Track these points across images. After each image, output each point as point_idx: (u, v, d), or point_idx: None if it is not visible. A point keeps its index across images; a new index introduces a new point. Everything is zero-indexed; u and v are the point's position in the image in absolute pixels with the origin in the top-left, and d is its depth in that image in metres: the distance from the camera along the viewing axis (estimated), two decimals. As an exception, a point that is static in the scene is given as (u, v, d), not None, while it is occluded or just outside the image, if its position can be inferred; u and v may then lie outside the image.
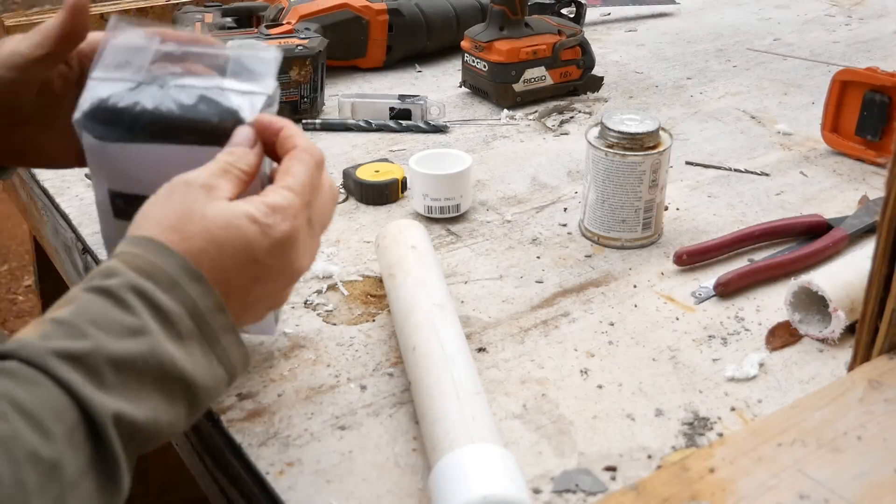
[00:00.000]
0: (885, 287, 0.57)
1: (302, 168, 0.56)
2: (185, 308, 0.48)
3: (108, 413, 0.43)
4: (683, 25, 1.53)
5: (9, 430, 0.40)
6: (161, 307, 0.48)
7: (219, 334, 0.50)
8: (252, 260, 0.52)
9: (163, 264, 0.49)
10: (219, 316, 0.50)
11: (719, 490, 0.50)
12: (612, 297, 0.78)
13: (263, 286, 0.54)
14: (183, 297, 0.48)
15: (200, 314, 0.49)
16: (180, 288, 0.48)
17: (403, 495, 0.58)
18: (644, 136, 0.81)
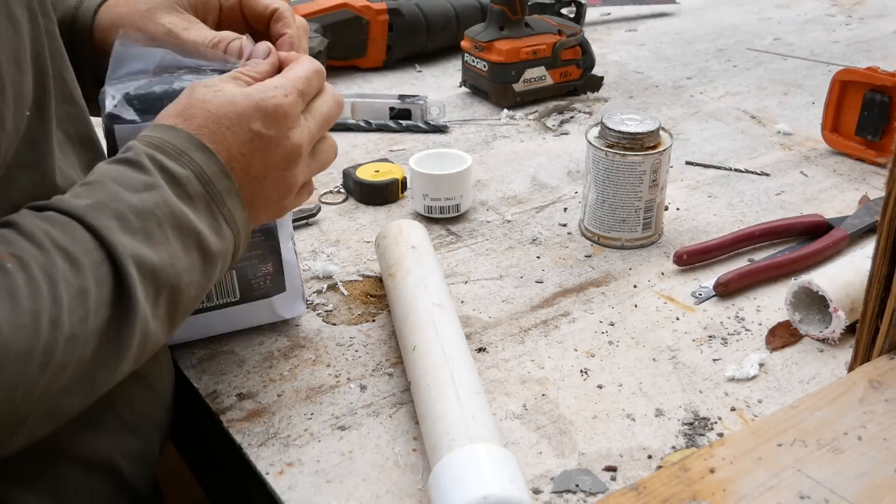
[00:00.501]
0: (885, 287, 0.57)
1: (302, 67, 0.61)
2: (193, 172, 0.54)
3: (128, 253, 0.49)
4: (683, 25, 1.53)
5: (48, 258, 0.46)
6: (170, 170, 0.53)
7: (224, 197, 0.55)
8: (247, 128, 0.57)
9: (170, 138, 0.55)
10: (223, 180, 0.55)
11: (719, 490, 0.49)
12: (612, 297, 0.78)
13: (263, 157, 0.58)
14: (189, 162, 0.54)
15: (207, 178, 0.54)
16: (187, 156, 0.54)
17: (403, 495, 0.57)
18: (644, 136, 0.81)
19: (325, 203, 0.94)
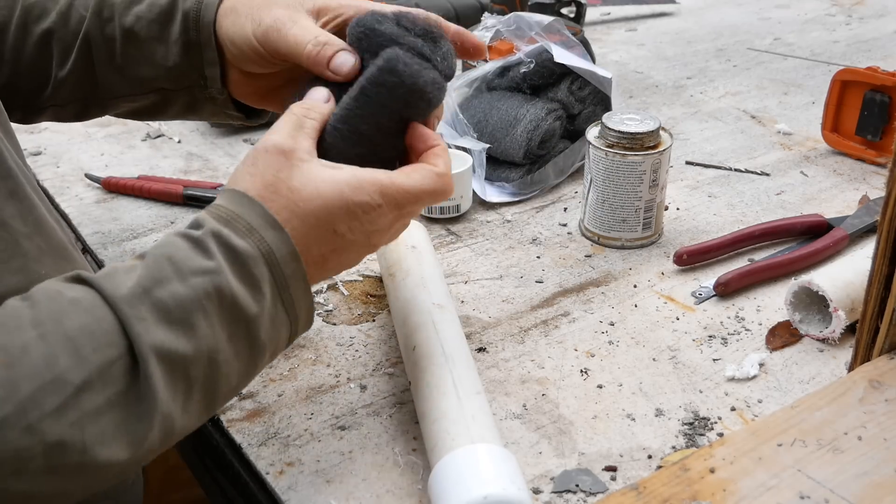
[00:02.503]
0: (885, 287, 0.57)
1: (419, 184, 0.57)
2: (261, 252, 0.51)
3: (154, 348, 0.46)
4: (683, 25, 1.53)
5: (45, 351, 0.43)
6: (236, 249, 0.50)
7: (289, 281, 0.52)
8: (331, 230, 0.54)
9: (244, 213, 0.52)
10: (292, 264, 0.52)
11: (719, 490, 0.49)
12: (612, 297, 0.78)
13: (339, 256, 0.56)
14: (260, 242, 0.51)
15: (274, 260, 0.51)
16: (257, 234, 0.51)
17: (403, 495, 0.57)
18: (644, 136, 0.81)
19: (325, 203, 0.94)
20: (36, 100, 0.74)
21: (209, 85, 0.71)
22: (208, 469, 0.69)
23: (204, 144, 1.09)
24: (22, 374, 0.43)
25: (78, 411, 0.44)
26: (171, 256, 0.49)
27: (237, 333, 0.51)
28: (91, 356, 0.44)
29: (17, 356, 0.43)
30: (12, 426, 0.42)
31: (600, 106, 0.99)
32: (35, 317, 0.45)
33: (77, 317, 0.45)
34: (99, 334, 0.45)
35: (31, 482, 0.43)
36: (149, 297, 0.47)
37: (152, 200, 0.95)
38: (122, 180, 0.96)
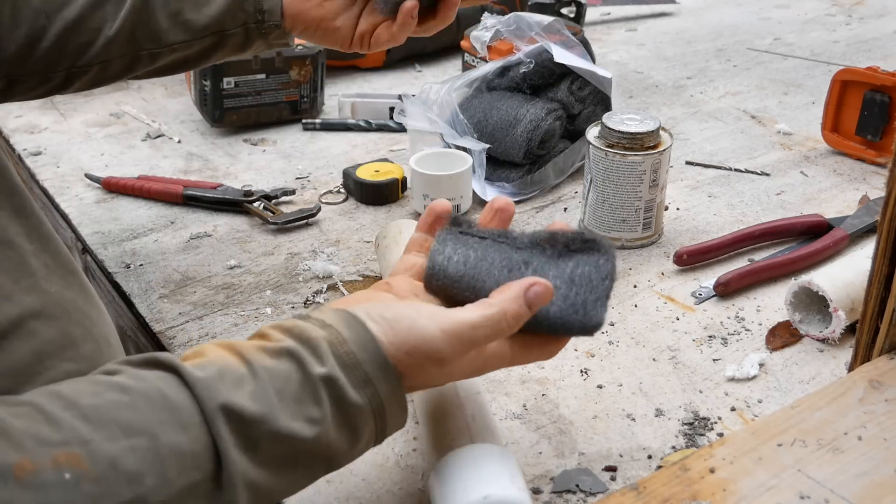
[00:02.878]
0: (885, 287, 0.57)
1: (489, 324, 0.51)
2: (372, 405, 0.48)
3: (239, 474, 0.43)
4: (683, 25, 1.53)
5: (135, 465, 0.41)
6: (346, 401, 0.47)
7: (389, 425, 0.49)
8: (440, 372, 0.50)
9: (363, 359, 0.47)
10: (398, 412, 0.49)
11: (719, 490, 0.49)
12: (613, 297, 0.77)
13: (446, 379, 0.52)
14: (373, 396, 0.47)
15: (383, 413, 0.48)
16: (372, 386, 0.47)
17: (403, 495, 0.57)
18: (644, 136, 0.81)
19: (325, 203, 0.94)
20: (82, 58, 0.74)
21: (266, 19, 0.73)
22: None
23: (204, 144, 1.09)
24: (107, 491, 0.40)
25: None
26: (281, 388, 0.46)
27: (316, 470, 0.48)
28: (176, 479, 0.42)
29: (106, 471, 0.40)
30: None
31: (600, 106, 0.99)
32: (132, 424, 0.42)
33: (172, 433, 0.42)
34: (189, 456, 0.42)
35: None
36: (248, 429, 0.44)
37: (152, 200, 0.95)
38: (122, 180, 0.96)
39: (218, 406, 0.43)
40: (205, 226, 0.91)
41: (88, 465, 0.40)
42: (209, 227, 0.90)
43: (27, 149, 1.06)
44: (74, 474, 0.39)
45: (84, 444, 0.40)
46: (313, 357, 0.47)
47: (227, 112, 1.09)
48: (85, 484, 0.39)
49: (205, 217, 0.92)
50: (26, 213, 0.55)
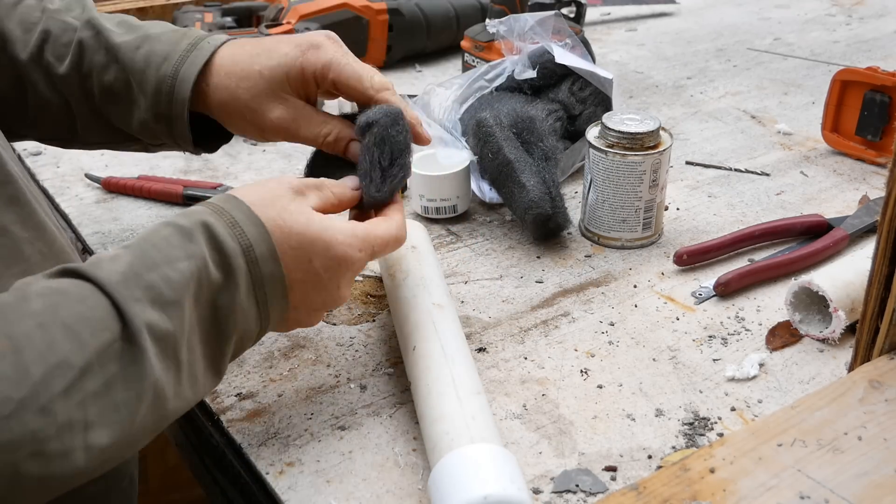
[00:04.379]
0: (885, 287, 0.57)
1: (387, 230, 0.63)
2: (240, 245, 0.54)
3: (145, 326, 0.48)
4: (683, 25, 1.53)
5: (47, 337, 0.45)
6: (218, 239, 0.53)
7: (265, 280, 0.55)
8: (307, 260, 0.57)
9: (229, 208, 0.55)
10: (270, 263, 0.55)
11: (719, 490, 0.49)
12: (612, 297, 0.78)
13: (305, 294, 0.58)
14: (240, 234, 0.54)
15: (253, 257, 0.54)
16: (239, 228, 0.54)
17: (403, 495, 0.57)
18: (644, 136, 0.81)
19: (325, 203, 0.94)
20: (19, 127, 0.75)
21: (182, 148, 0.74)
22: (208, 469, 0.69)
23: (204, 144, 1.08)
24: (30, 358, 0.44)
25: (82, 392, 0.45)
26: (156, 244, 0.52)
27: (209, 318, 0.53)
28: (89, 340, 0.46)
29: (23, 343, 0.44)
30: (28, 408, 0.43)
31: (601, 107, 0.99)
32: (31, 309, 0.46)
33: (71, 306, 0.47)
34: (94, 320, 0.47)
35: (45, 465, 0.44)
36: (141, 279, 0.49)
37: (152, 200, 0.95)
38: (122, 180, 0.96)
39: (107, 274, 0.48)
40: (205, 226, 0.90)
41: (5, 342, 0.44)
42: (209, 227, 0.90)
43: (27, 149, 1.06)
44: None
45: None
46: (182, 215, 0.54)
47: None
48: (9, 356, 0.43)
49: (205, 217, 0.92)
50: (20, 201, 0.56)
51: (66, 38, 0.71)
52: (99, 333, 0.47)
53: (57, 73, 0.71)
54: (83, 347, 0.46)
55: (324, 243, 0.57)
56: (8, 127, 0.73)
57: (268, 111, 0.68)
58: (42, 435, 0.43)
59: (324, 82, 0.68)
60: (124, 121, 0.72)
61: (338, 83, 0.68)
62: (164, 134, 0.72)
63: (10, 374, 0.43)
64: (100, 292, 0.48)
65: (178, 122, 0.70)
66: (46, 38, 0.71)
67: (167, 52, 0.69)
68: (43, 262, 0.57)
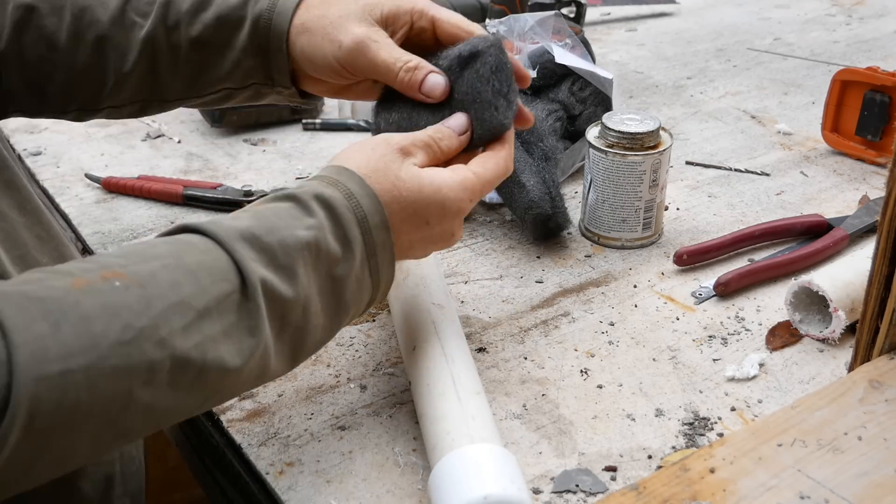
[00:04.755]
0: (885, 287, 0.57)
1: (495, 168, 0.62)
2: (356, 216, 0.55)
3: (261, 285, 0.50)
4: (683, 25, 1.53)
5: (171, 278, 0.47)
6: (335, 209, 0.54)
7: (377, 249, 0.56)
8: (425, 221, 0.59)
9: (344, 180, 0.56)
10: (382, 233, 0.56)
11: (719, 490, 0.49)
12: (612, 297, 0.78)
13: (422, 247, 0.61)
14: (356, 206, 0.55)
15: (367, 227, 0.55)
16: (355, 199, 0.55)
17: (403, 495, 0.57)
18: (644, 136, 0.81)
19: (325, 203, 0.94)
20: (92, 102, 0.74)
21: (276, 83, 0.72)
22: (208, 469, 0.69)
23: (204, 144, 1.09)
24: (153, 293, 0.46)
25: (200, 334, 0.47)
26: (277, 212, 0.53)
27: (327, 289, 0.54)
28: (210, 287, 0.48)
29: (146, 279, 0.46)
30: (148, 338, 0.44)
31: (601, 107, 0.99)
32: (155, 252, 0.48)
33: (194, 255, 0.49)
34: (216, 270, 0.49)
35: (154, 393, 0.45)
36: (258, 242, 0.51)
37: (152, 200, 0.95)
38: (122, 180, 0.96)
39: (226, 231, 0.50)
40: (205, 226, 0.90)
41: (132, 277, 0.46)
42: (209, 227, 0.90)
43: (27, 149, 1.06)
44: (123, 283, 0.45)
45: (122, 266, 0.46)
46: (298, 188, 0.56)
47: (228, 112, 1.09)
48: (134, 288, 0.45)
49: (205, 217, 0.92)
50: (16, 185, 0.57)
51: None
52: (219, 283, 0.48)
53: (141, 33, 0.70)
54: (204, 292, 0.47)
55: (438, 206, 0.58)
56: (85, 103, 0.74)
57: (353, 26, 0.66)
58: (158, 366, 0.45)
59: (421, 18, 0.67)
60: (214, 67, 0.72)
61: (438, 21, 0.67)
62: (259, 70, 0.71)
63: (133, 305, 0.44)
64: (220, 247, 0.50)
65: (277, 56, 0.69)
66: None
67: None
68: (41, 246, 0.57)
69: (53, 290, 0.43)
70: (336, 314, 0.56)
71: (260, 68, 0.71)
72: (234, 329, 0.49)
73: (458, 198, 0.59)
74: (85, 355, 0.42)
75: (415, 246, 0.60)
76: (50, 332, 0.41)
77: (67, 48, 0.71)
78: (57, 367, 0.41)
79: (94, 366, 0.42)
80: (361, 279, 0.56)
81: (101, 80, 0.73)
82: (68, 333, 0.42)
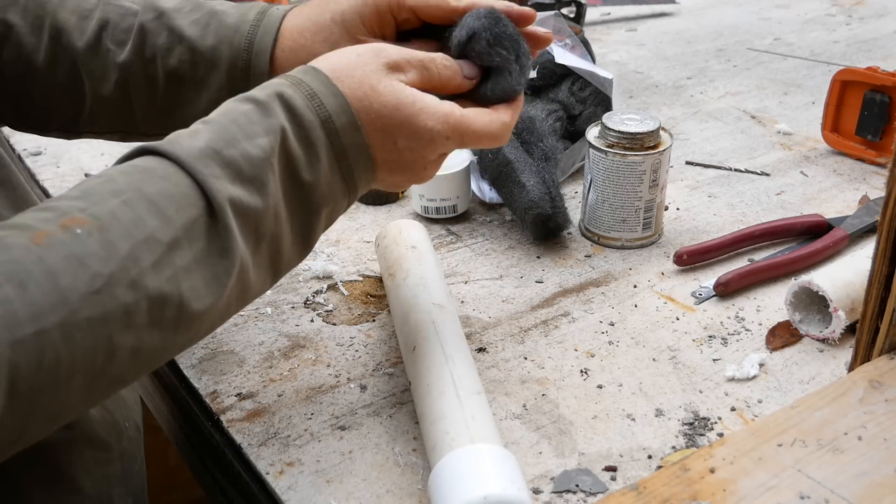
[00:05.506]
0: (885, 287, 0.57)
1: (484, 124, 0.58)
2: (319, 117, 0.52)
3: (228, 201, 0.48)
4: (683, 25, 1.53)
5: (132, 214, 0.45)
6: (296, 112, 0.52)
7: (348, 150, 0.54)
8: (393, 143, 0.55)
9: (308, 80, 0.53)
10: (351, 133, 0.53)
11: (719, 490, 0.49)
12: (612, 297, 0.78)
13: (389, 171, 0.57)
14: (318, 106, 0.53)
15: (333, 128, 0.53)
16: (318, 99, 0.53)
17: (403, 495, 0.57)
18: (644, 136, 0.81)
19: (325, 203, 0.94)
20: (71, 124, 0.73)
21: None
22: (208, 469, 0.69)
23: (204, 144, 1.08)
24: (117, 235, 0.44)
25: (172, 267, 0.46)
26: (236, 119, 0.51)
27: (294, 194, 0.52)
28: (175, 216, 0.47)
29: (108, 220, 0.45)
30: (118, 282, 0.44)
31: (601, 107, 0.99)
32: (113, 188, 0.46)
33: (154, 183, 0.47)
34: (178, 196, 0.47)
35: (137, 336, 0.45)
36: (220, 156, 0.49)
37: (152, 200, 0.95)
38: (122, 180, 0.96)
39: (186, 151, 0.48)
40: (205, 226, 0.90)
41: (92, 221, 0.44)
42: (209, 227, 0.90)
43: (27, 149, 1.06)
44: (84, 229, 0.44)
45: (81, 210, 0.45)
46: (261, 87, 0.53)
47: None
48: (95, 234, 0.44)
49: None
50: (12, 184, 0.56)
51: (126, 23, 0.69)
52: (184, 209, 0.47)
53: (117, 61, 0.69)
54: (169, 223, 0.46)
55: (409, 128, 0.55)
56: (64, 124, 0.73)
57: None
58: (134, 308, 0.44)
59: (401, 11, 0.64)
60: (191, 104, 0.70)
61: (417, 8, 0.64)
62: None
63: (98, 251, 0.43)
64: (181, 170, 0.48)
65: None
66: (105, 26, 0.69)
67: (236, 25, 0.67)
68: None
69: (14, 249, 0.42)
70: (307, 219, 0.54)
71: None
72: (205, 254, 0.48)
73: (432, 127, 0.55)
74: (56, 312, 0.41)
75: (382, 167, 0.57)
76: (17, 295, 0.40)
77: (44, 69, 0.69)
78: (30, 329, 0.40)
79: (67, 321, 0.42)
80: (332, 183, 0.54)
81: (78, 103, 0.71)
82: (35, 293, 0.41)
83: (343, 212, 0.57)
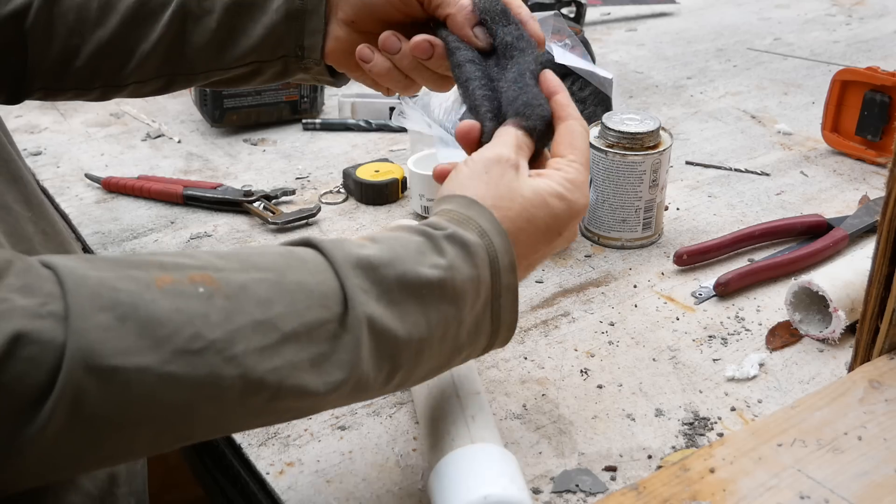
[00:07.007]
0: (885, 287, 0.57)
1: (584, 141, 0.60)
2: (489, 257, 0.51)
3: (365, 315, 0.46)
4: (683, 25, 1.53)
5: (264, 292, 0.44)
6: (470, 248, 0.50)
7: (502, 291, 0.52)
8: (557, 233, 0.55)
9: (475, 216, 0.52)
10: (509, 275, 0.52)
11: (719, 490, 0.49)
12: (612, 297, 0.78)
13: (548, 251, 0.57)
14: (489, 245, 0.51)
15: (497, 268, 0.51)
16: (488, 238, 0.51)
17: (403, 495, 0.57)
18: (644, 136, 0.81)
19: (326, 203, 0.94)
20: (117, 77, 0.73)
21: (306, 55, 0.71)
22: (208, 469, 0.69)
23: (204, 144, 1.09)
24: (237, 307, 0.43)
25: (280, 358, 0.44)
26: (405, 244, 0.50)
27: (445, 330, 0.50)
28: (304, 311, 0.45)
29: (236, 290, 0.44)
30: (218, 352, 0.42)
31: (601, 107, 0.99)
32: (260, 263, 0.46)
33: (300, 273, 0.46)
34: (317, 294, 0.46)
35: (220, 409, 0.43)
36: (375, 273, 0.47)
37: (152, 200, 0.95)
38: (122, 180, 0.96)
39: (344, 256, 0.47)
40: (205, 226, 0.91)
41: (221, 284, 0.43)
42: (209, 227, 0.90)
43: (27, 149, 1.06)
44: (208, 290, 0.43)
45: (217, 270, 0.44)
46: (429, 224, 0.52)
47: (228, 112, 1.09)
48: (217, 299, 0.43)
49: (205, 217, 0.92)
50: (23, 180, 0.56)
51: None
52: (316, 309, 0.45)
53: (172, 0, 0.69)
54: (296, 315, 0.45)
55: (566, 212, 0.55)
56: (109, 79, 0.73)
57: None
58: (226, 383, 0.42)
59: None
60: (245, 34, 0.70)
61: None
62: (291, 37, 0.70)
63: (211, 315, 0.42)
64: (331, 270, 0.47)
65: (313, 16, 0.68)
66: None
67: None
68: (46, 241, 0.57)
69: (134, 282, 0.41)
70: (450, 356, 0.52)
71: (292, 36, 0.69)
72: (323, 360, 0.45)
73: (578, 197, 0.55)
74: (142, 356, 0.40)
75: (540, 261, 0.57)
76: (113, 326, 0.40)
77: (97, 19, 0.70)
78: (110, 362, 0.39)
79: (149, 369, 0.40)
80: (481, 322, 0.52)
81: (128, 52, 0.71)
82: (131, 331, 0.40)
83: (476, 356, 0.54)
